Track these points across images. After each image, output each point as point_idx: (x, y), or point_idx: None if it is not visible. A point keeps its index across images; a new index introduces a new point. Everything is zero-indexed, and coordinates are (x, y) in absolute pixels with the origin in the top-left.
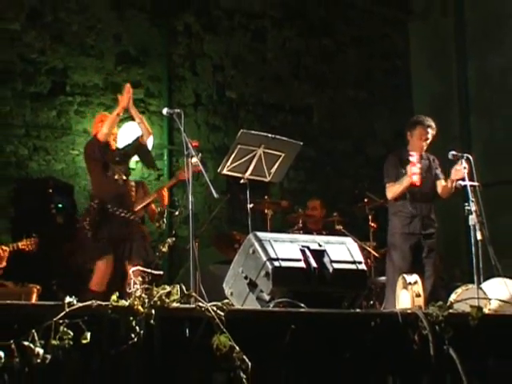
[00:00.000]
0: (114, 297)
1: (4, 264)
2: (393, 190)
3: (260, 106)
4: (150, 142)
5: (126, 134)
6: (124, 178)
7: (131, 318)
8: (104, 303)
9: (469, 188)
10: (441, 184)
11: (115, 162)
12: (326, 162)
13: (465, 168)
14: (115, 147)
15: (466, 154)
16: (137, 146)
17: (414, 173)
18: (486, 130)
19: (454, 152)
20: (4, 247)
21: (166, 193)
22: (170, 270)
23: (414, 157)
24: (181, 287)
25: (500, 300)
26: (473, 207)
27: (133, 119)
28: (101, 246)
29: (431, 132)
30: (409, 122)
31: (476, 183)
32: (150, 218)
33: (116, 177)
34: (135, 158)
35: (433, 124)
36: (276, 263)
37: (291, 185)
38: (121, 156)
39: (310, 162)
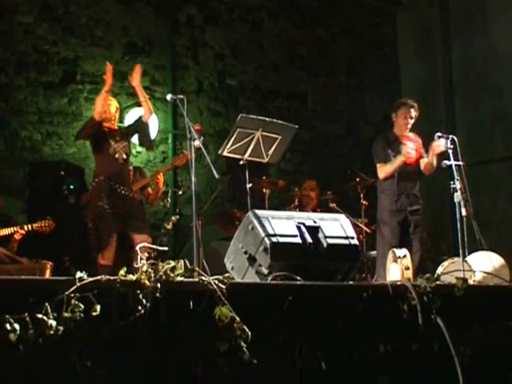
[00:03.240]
0: (121, 271)
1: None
2: (385, 170)
3: (258, 92)
4: (152, 123)
5: (132, 118)
6: (124, 157)
7: (138, 292)
8: (112, 278)
9: (454, 167)
10: (423, 162)
11: (116, 141)
12: (320, 144)
13: (449, 149)
14: (117, 127)
15: (451, 135)
16: (138, 125)
17: (409, 152)
18: (469, 113)
19: (439, 133)
20: (19, 230)
21: (161, 177)
22: (174, 246)
23: (408, 140)
24: (185, 262)
25: (484, 272)
26: (458, 185)
27: (138, 98)
28: (106, 221)
29: (414, 112)
30: (393, 105)
31: (461, 163)
32: (147, 200)
33: (116, 156)
34: (135, 139)
35: (415, 105)
36: (274, 239)
37: (287, 166)
38: (122, 135)
39: (305, 145)
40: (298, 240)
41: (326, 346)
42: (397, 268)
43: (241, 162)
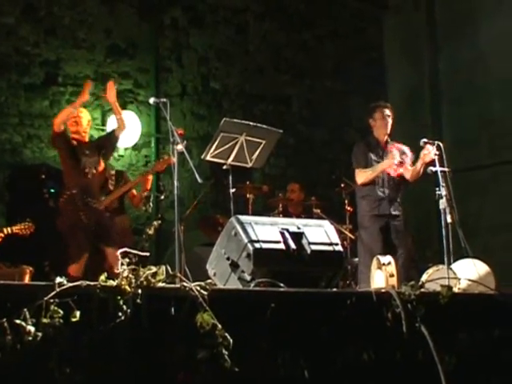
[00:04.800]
0: (102, 277)
1: None
2: (364, 176)
3: (242, 96)
4: (135, 134)
5: (109, 127)
6: (94, 171)
7: (119, 298)
8: (93, 283)
9: (439, 173)
10: (407, 168)
11: (86, 155)
12: (305, 149)
13: (435, 155)
14: (87, 140)
15: (436, 141)
16: (110, 138)
17: (394, 163)
18: (456, 118)
19: (425, 139)
20: None
21: (150, 178)
22: (156, 251)
23: (394, 149)
24: (166, 268)
25: (469, 279)
26: (443, 192)
27: (113, 114)
28: (78, 235)
29: (389, 111)
30: (367, 110)
31: (446, 169)
32: (132, 202)
33: (86, 170)
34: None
35: (389, 105)
36: (257, 245)
37: (272, 171)
38: (92, 148)
39: (289, 149)
40: (281, 246)
41: (309, 353)
42: (381, 275)
43: (224, 167)
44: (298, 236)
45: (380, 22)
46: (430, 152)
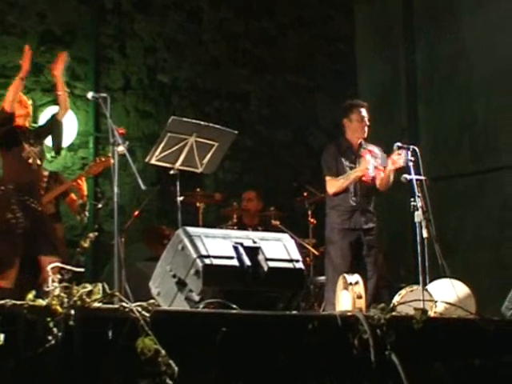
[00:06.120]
0: (30, 296)
1: None
2: (337, 185)
3: (194, 91)
4: (69, 124)
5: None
6: (38, 162)
7: (49, 319)
8: (19, 302)
9: (415, 182)
10: (379, 175)
11: (30, 144)
12: (264, 152)
13: (410, 161)
14: (30, 128)
15: (411, 146)
16: (52, 124)
17: (368, 168)
18: (434, 120)
19: (399, 144)
20: None
21: (82, 182)
22: (94, 267)
23: (367, 154)
24: (103, 286)
25: (446, 302)
26: (419, 203)
27: (55, 90)
28: (10, 238)
29: (367, 113)
30: (342, 109)
31: (422, 177)
32: (71, 208)
33: (30, 161)
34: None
35: (366, 104)
36: (207, 261)
37: (226, 176)
38: (36, 137)
39: (246, 152)
40: (234, 262)
41: (264, 383)
42: (348, 296)
43: (171, 172)
44: (253, 251)
45: (350, 10)
46: (400, 158)
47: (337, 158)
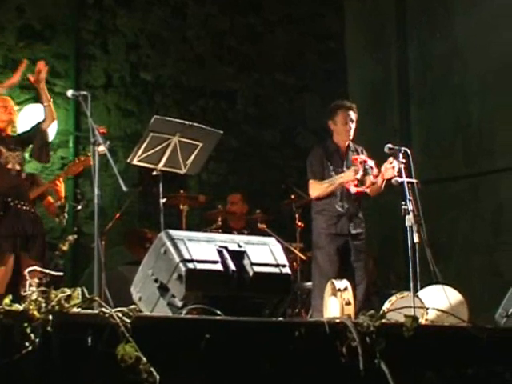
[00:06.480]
0: (6, 300)
1: None
2: (320, 189)
3: (178, 89)
4: (52, 130)
5: (26, 118)
6: (18, 168)
7: (26, 324)
8: None
9: (406, 185)
10: (369, 179)
11: (9, 149)
12: (251, 153)
13: (402, 163)
14: (12, 134)
15: (403, 148)
16: (36, 133)
17: (357, 178)
18: (427, 121)
19: (390, 145)
20: None
21: (60, 183)
22: (73, 271)
23: (359, 163)
24: (83, 290)
25: (438, 310)
26: (410, 206)
27: (38, 100)
28: (2, 245)
29: (354, 114)
30: (328, 110)
31: (414, 180)
32: (48, 211)
33: (9, 166)
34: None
35: (354, 106)
36: (190, 265)
37: (211, 178)
38: (16, 143)
39: (232, 153)
40: (219, 267)
41: None
42: (336, 302)
43: (154, 173)
44: (238, 255)
45: (340, 7)
46: (393, 167)
47: (323, 161)
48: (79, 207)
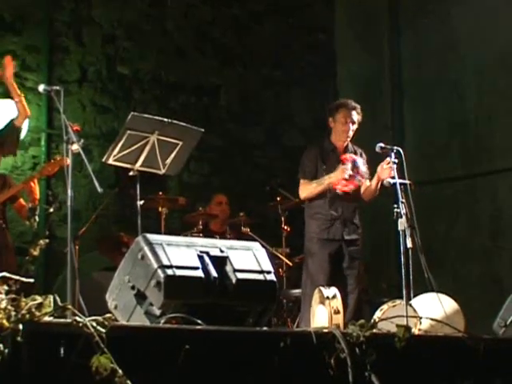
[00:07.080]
0: None
1: None
2: (309, 189)
3: (157, 84)
4: (25, 126)
5: None
6: None
7: None
8: None
9: (398, 186)
10: (365, 184)
11: None
12: (234, 153)
13: (394, 163)
14: None
15: (395, 147)
16: (8, 130)
17: (345, 178)
18: (421, 118)
19: (381, 144)
20: None
21: (35, 185)
22: (45, 277)
23: (348, 162)
24: (55, 298)
25: (432, 319)
26: (403, 209)
27: (9, 96)
28: None
29: (357, 115)
30: (329, 107)
31: (407, 181)
32: (20, 214)
33: None
34: None
35: (358, 107)
36: (169, 271)
37: (192, 178)
38: None
39: (214, 152)
40: (199, 273)
41: None
42: (324, 311)
43: (131, 173)
44: (220, 261)
45: None
46: (389, 168)
47: (316, 161)
48: (51, 210)
